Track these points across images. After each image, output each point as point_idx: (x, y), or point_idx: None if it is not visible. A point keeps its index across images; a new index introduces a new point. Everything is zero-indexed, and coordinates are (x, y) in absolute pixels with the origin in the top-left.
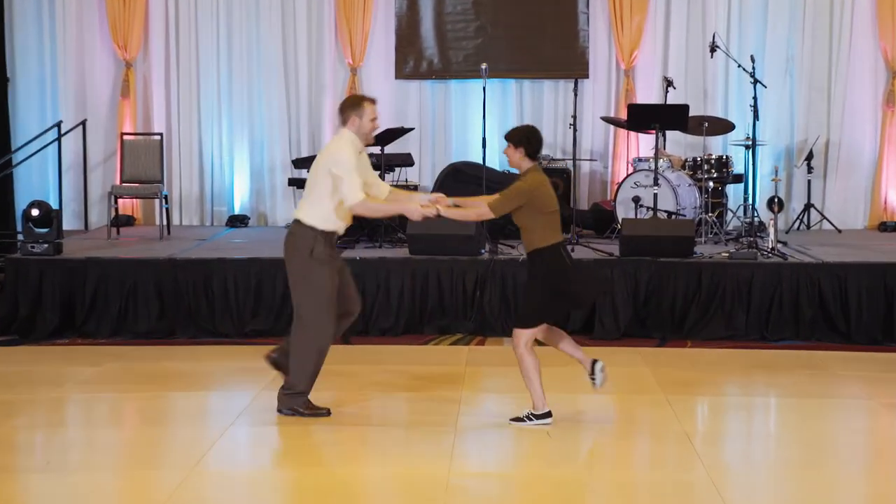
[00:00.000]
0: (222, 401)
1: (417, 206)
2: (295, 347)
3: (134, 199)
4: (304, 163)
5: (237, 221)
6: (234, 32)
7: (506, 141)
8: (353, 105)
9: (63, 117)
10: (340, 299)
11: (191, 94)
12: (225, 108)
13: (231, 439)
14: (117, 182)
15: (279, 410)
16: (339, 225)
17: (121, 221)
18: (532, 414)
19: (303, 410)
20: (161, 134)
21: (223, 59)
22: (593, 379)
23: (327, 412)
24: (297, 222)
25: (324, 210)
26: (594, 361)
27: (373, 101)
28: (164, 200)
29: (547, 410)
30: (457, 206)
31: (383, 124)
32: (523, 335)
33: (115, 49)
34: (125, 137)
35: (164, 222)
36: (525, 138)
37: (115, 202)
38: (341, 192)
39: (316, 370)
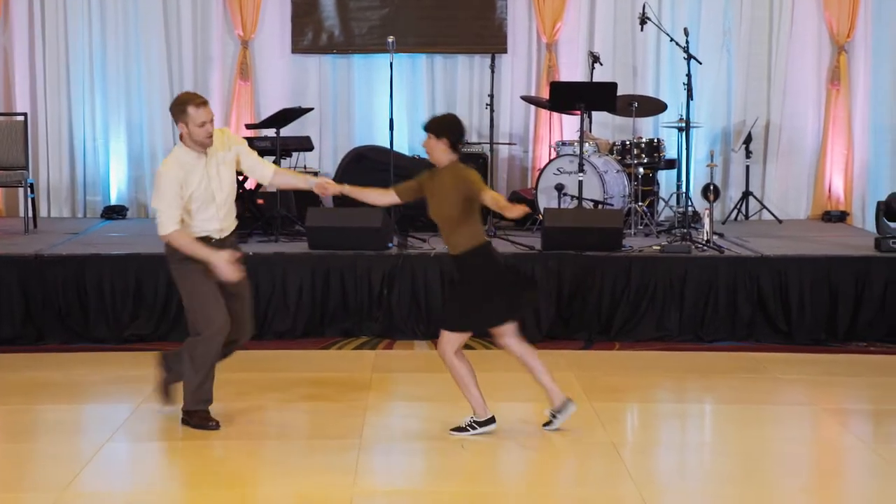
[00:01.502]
0: (98, 414)
1: (224, 266)
2: (184, 359)
3: None
4: None
5: (113, 213)
6: None
7: (425, 132)
8: (178, 111)
9: None
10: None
11: (59, 68)
12: (98, 84)
13: (108, 457)
14: None
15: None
16: (203, 229)
17: None
18: (475, 422)
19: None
20: (25, 114)
21: (95, 28)
22: (552, 420)
23: (216, 425)
24: None
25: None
26: (567, 402)
27: (201, 103)
28: (29, 189)
29: (490, 416)
30: None
31: (279, 103)
32: (451, 340)
33: None
34: None
35: (30, 214)
36: (448, 128)
37: None
38: (157, 219)
39: (205, 378)
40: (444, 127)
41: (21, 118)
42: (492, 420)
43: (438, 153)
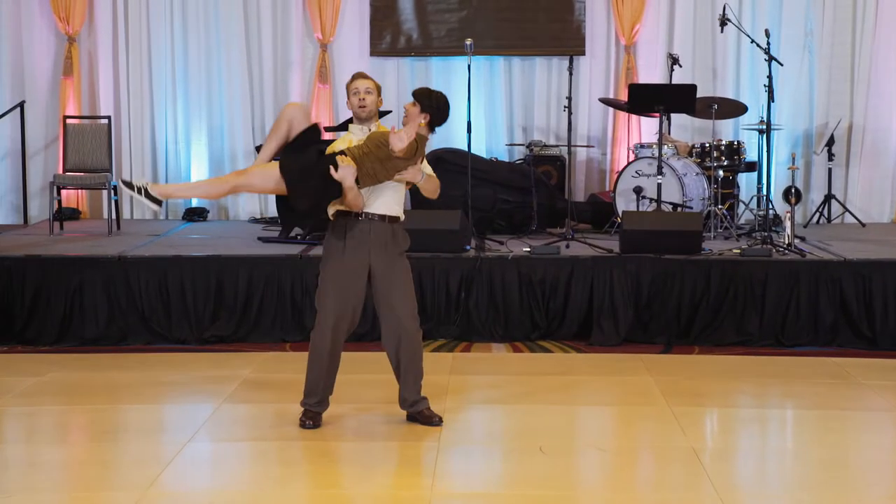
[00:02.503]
0: (179, 414)
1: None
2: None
3: (79, 190)
4: None
5: (195, 215)
6: (190, 4)
7: (413, 97)
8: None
9: None
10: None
11: (142, 72)
12: (180, 88)
13: (189, 457)
14: (60, 171)
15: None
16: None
17: (64, 215)
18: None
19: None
20: (109, 117)
21: (178, 33)
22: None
23: (309, 425)
24: None
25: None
26: None
27: (358, 76)
28: (112, 191)
29: None
30: None
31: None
32: None
33: (56, 22)
34: (68, 121)
35: (114, 216)
36: (436, 107)
37: (58, 193)
38: None
39: (315, 377)
40: (433, 104)
41: (105, 121)
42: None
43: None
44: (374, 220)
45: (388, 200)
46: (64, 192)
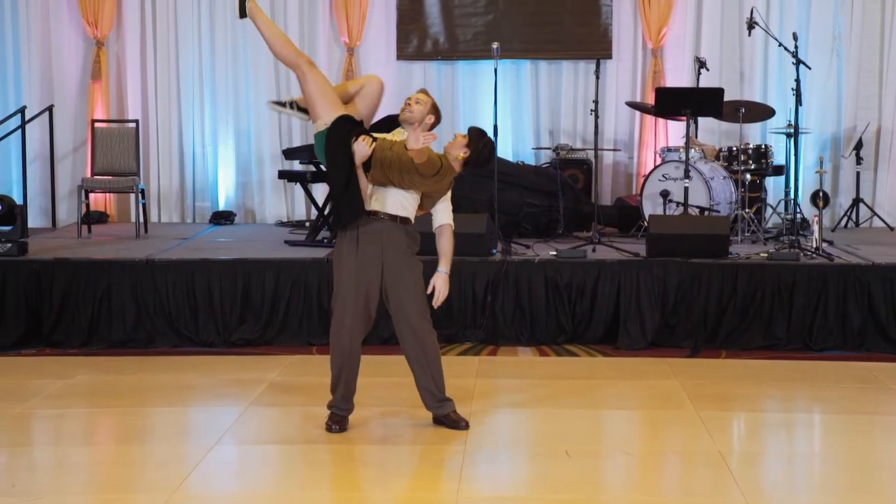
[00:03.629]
0: (206, 417)
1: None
2: None
3: (107, 194)
4: (295, 153)
5: (222, 218)
6: (217, 8)
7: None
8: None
9: (27, 102)
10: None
11: (169, 76)
12: (208, 92)
13: (216, 460)
14: (88, 175)
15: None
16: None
17: (92, 218)
18: None
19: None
20: (137, 121)
21: (205, 37)
22: None
23: (336, 429)
24: None
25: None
26: None
27: (418, 91)
28: (140, 195)
29: None
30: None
31: (384, 110)
32: None
33: (84, 26)
34: (97, 125)
35: (141, 219)
36: (479, 150)
37: (86, 197)
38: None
39: (336, 378)
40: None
41: (133, 125)
42: None
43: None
44: (386, 220)
45: (401, 201)
46: (92, 195)
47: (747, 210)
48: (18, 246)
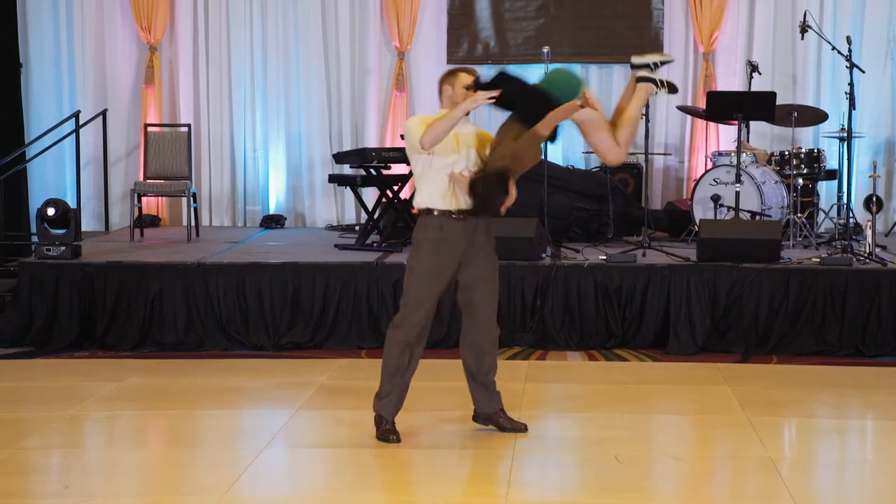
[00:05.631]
0: (256, 420)
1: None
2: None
3: (159, 198)
4: (345, 157)
5: (272, 222)
6: (269, 13)
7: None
8: (448, 74)
9: (81, 107)
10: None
11: (221, 81)
12: (259, 96)
13: (266, 462)
14: (141, 178)
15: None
16: (443, 203)
17: (145, 222)
18: None
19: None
20: (189, 125)
21: (257, 42)
22: None
23: (395, 439)
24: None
25: (422, 187)
26: None
27: (470, 70)
28: (192, 199)
29: None
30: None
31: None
32: None
33: (138, 31)
34: (149, 129)
35: (193, 223)
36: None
37: (139, 201)
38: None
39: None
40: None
41: (185, 129)
42: None
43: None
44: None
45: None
46: (144, 199)
47: (799, 215)
48: (72, 249)
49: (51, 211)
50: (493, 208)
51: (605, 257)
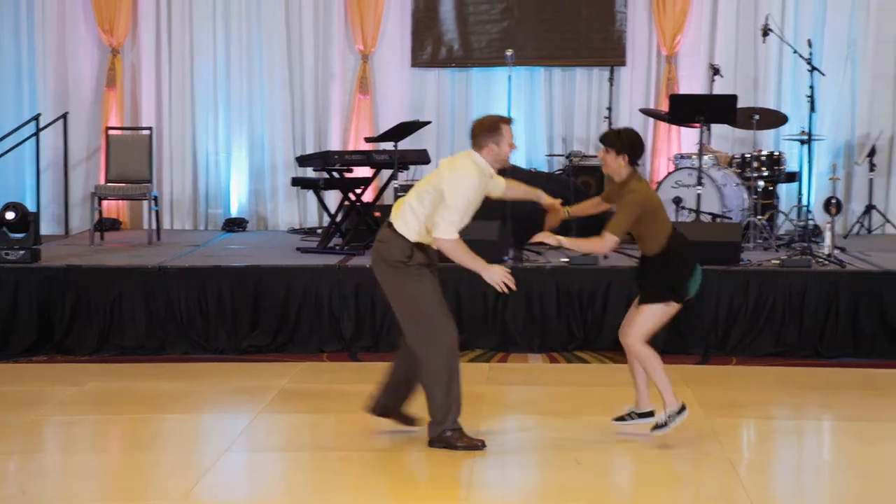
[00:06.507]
0: (217, 423)
1: (499, 276)
2: (423, 375)
3: (120, 201)
4: (308, 161)
5: (234, 225)
6: (233, 16)
7: (602, 144)
8: (490, 130)
9: (42, 110)
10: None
11: (184, 84)
12: (222, 100)
13: (227, 466)
14: (101, 182)
15: (430, 443)
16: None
17: (105, 225)
18: (673, 413)
19: (456, 443)
20: (150, 128)
21: (220, 45)
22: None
23: (482, 444)
24: (390, 228)
25: (422, 224)
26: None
27: (509, 122)
28: (153, 202)
29: (681, 404)
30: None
31: (398, 117)
32: (645, 319)
33: (99, 34)
34: (111, 132)
35: (154, 226)
36: (629, 145)
37: (99, 204)
38: (438, 216)
39: (451, 393)
40: (626, 144)
41: (146, 133)
42: (684, 408)
43: (615, 167)
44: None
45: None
46: (105, 202)
47: (760, 217)
48: (31, 253)
49: (10, 215)
50: None
51: (566, 260)
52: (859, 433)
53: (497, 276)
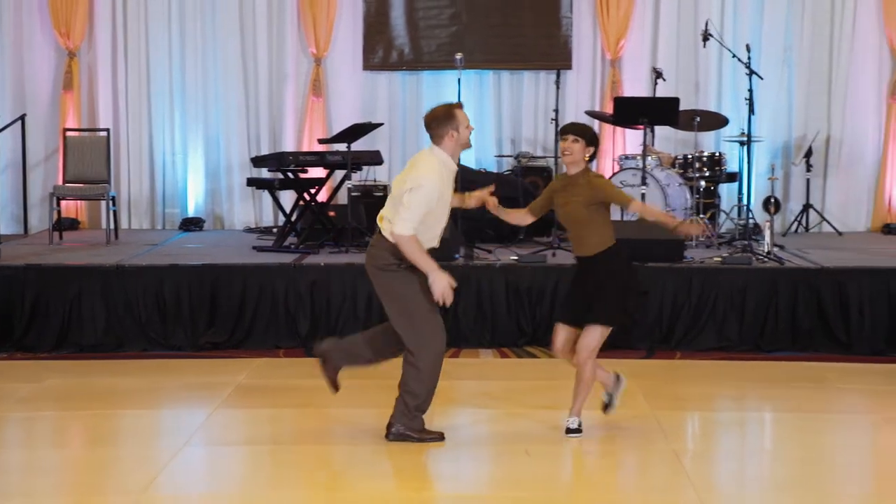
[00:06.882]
0: (175, 419)
1: (442, 284)
2: (410, 373)
3: (78, 201)
4: (263, 161)
5: (191, 225)
6: (188, 20)
7: (571, 134)
8: (445, 118)
9: None
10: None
11: (140, 86)
12: (178, 102)
13: (185, 460)
14: (60, 182)
15: (388, 435)
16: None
17: (64, 225)
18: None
19: (414, 435)
20: (108, 130)
21: (175, 48)
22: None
23: (440, 436)
24: (379, 234)
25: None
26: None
27: (460, 106)
28: (111, 202)
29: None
30: None
31: (350, 118)
32: (600, 338)
33: (56, 37)
34: (68, 134)
35: (112, 226)
36: (596, 140)
37: (58, 204)
38: (398, 212)
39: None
40: (594, 137)
41: (104, 134)
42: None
43: (579, 157)
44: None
45: None
46: (63, 202)
47: (702, 216)
48: None
49: None
50: None
51: (516, 258)
52: (798, 424)
53: (441, 284)
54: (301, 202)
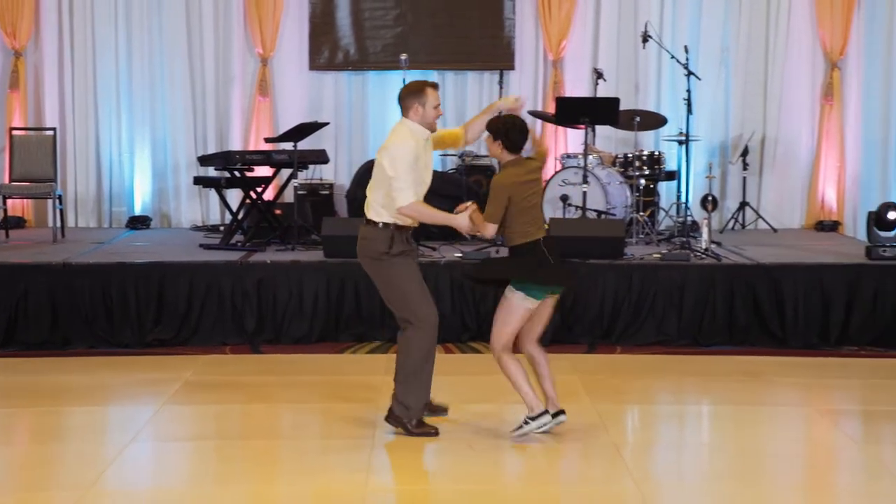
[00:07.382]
0: (121, 415)
1: (466, 222)
2: (406, 356)
3: (24, 200)
4: (210, 160)
5: (138, 223)
6: (134, 19)
7: (486, 130)
8: (414, 92)
9: None
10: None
11: (86, 85)
12: (124, 101)
13: (131, 456)
14: (6, 181)
15: (388, 418)
16: (403, 220)
17: (10, 223)
18: (528, 417)
19: (411, 428)
20: (54, 129)
21: (122, 48)
22: (526, 423)
23: (435, 432)
24: (368, 224)
25: (388, 206)
26: (559, 412)
27: (435, 86)
28: (57, 200)
29: (543, 410)
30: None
31: (297, 118)
32: (510, 328)
33: (2, 37)
34: (14, 133)
35: (58, 224)
36: (504, 132)
37: (4, 202)
38: (392, 190)
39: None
40: (500, 129)
41: (50, 133)
42: (545, 413)
43: (496, 152)
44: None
45: None
46: (9, 201)
47: (641, 213)
48: None
49: None
50: None
51: (460, 255)
52: (736, 416)
53: (463, 223)
54: (248, 200)
